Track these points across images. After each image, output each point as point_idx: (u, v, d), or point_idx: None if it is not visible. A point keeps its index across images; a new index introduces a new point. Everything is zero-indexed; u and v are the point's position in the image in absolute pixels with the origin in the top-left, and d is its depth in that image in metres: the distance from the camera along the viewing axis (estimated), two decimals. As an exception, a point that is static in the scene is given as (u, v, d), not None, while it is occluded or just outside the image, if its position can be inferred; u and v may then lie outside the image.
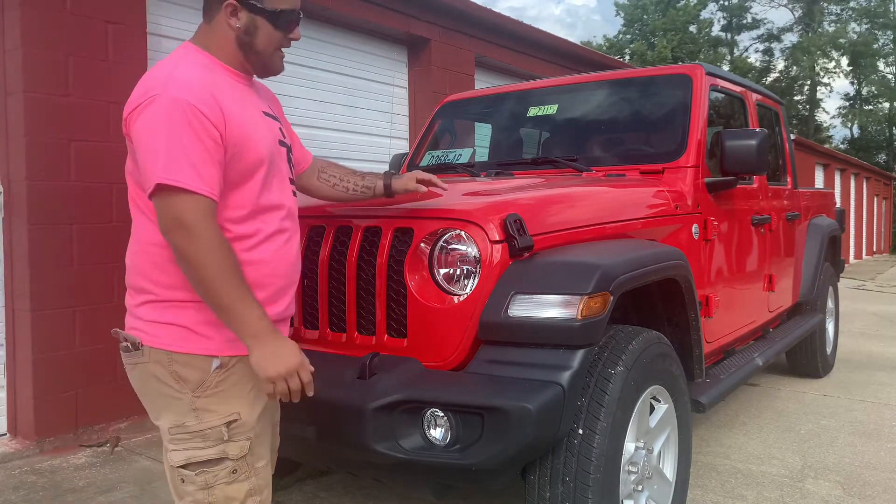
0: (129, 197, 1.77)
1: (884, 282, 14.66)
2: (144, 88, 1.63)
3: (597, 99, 3.88)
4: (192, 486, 1.71)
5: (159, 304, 1.71)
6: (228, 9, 1.75)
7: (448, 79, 6.88)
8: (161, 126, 1.58)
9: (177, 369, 1.70)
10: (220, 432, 1.71)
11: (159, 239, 1.66)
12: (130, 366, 1.76)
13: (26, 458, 3.91)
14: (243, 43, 1.79)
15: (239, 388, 1.75)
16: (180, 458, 1.71)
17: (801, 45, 39.87)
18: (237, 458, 1.73)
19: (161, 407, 1.74)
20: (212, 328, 1.70)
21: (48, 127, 3.98)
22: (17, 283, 4.04)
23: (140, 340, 1.71)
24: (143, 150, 1.60)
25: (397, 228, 2.35)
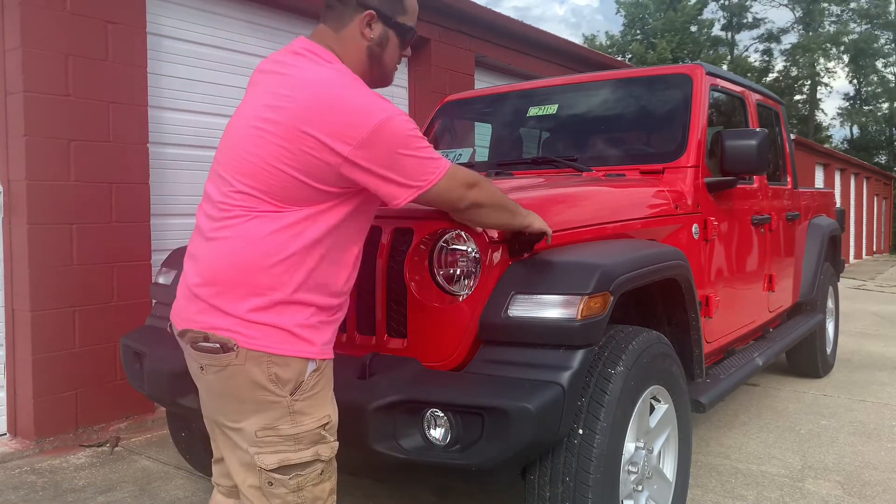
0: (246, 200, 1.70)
1: (884, 282, 14.66)
2: (364, 114, 1.65)
3: (597, 99, 3.88)
4: (282, 489, 1.71)
5: (261, 305, 1.68)
6: (366, 19, 1.79)
7: (448, 79, 6.88)
8: (405, 138, 1.69)
9: (276, 371, 1.68)
10: (316, 435, 1.73)
11: (287, 242, 1.68)
12: (216, 367, 1.70)
13: (26, 457, 3.91)
14: (374, 54, 1.84)
15: (327, 390, 1.79)
16: (273, 460, 1.69)
17: (802, 44, 39.87)
18: (328, 459, 1.76)
19: (251, 410, 1.70)
20: (310, 331, 1.72)
21: (48, 127, 3.98)
22: (17, 283, 4.04)
23: (236, 342, 1.66)
24: (399, 164, 1.69)
25: (397, 228, 2.34)
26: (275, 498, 1.71)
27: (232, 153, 1.74)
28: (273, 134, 1.67)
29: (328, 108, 1.65)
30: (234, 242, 1.70)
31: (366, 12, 1.78)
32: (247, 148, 1.70)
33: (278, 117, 1.67)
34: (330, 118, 1.64)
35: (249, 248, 1.68)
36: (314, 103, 1.65)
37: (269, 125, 1.68)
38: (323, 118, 1.64)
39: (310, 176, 1.66)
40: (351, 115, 1.65)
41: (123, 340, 2.85)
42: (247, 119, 1.74)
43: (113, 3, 4.26)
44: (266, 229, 1.68)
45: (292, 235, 1.69)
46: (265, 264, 1.67)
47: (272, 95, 1.72)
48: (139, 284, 4.39)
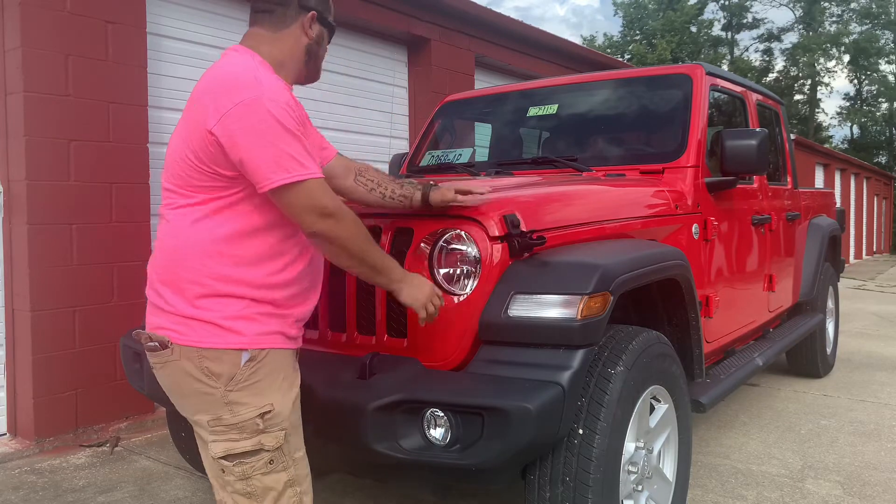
0: (169, 196, 1.79)
1: (884, 282, 14.65)
2: (236, 89, 1.68)
3: (597, 99, 3.87)
4: (231, 477, 1.78)
5: (188, 302, 1.74)
6: (309, 20, 1.92)
7: (448, 79, 6.88)
8: (270, 124, 1.66)
9: (207, 365, 1.74)
10: (255, 424, 1.76)
11: (203, 234, 1.73)
12: (160, 365, 1.80)
13: (26, 458, 3.91)
14: (311, 51, 1.96)
15: (270, 379, 1.80)
16: (220, 449, 1.77)
17: (802, 44, 39.87)
18: (273, 448, 1.78)
19: (196, 403, 1.78)
20: (241, 322, 1.75)
21: (48, 127, 3.98)
22: (17, 283, 4.04)
23: (169, 339, 1.75)
24: (255, 148, 1.65)
25: (397, 228, 2.35)
26: (227, 486, 1.79)
27: (165, 158, 1.85)
28: (181, 126, 1.78)
29: (215, 84, 1.73)
30: (163, 243, 1.81)
31: (309, 13, 1.92)
32: (170, 146, 1.82)
33: (186, 110, 1.79)
34: (213, 93, 1.71)
35: (172, 244, 1.77)
36: (207, 84, 1.75)
37: (181, 121, 1.80)
38: (208, 94, 1.72)
39: (198, 157, 1.71)
40: (229, 87, 1.70)
41: (123, 340, 2.85)
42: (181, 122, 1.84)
43: (113, 3, 4.26)
44: (184, 223, 1.75)
45: (209, 228, 1.73)
46: (186, 258, 1.74)
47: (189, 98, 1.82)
48: (139, 284, 4.36)
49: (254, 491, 1.78)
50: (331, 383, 2.18)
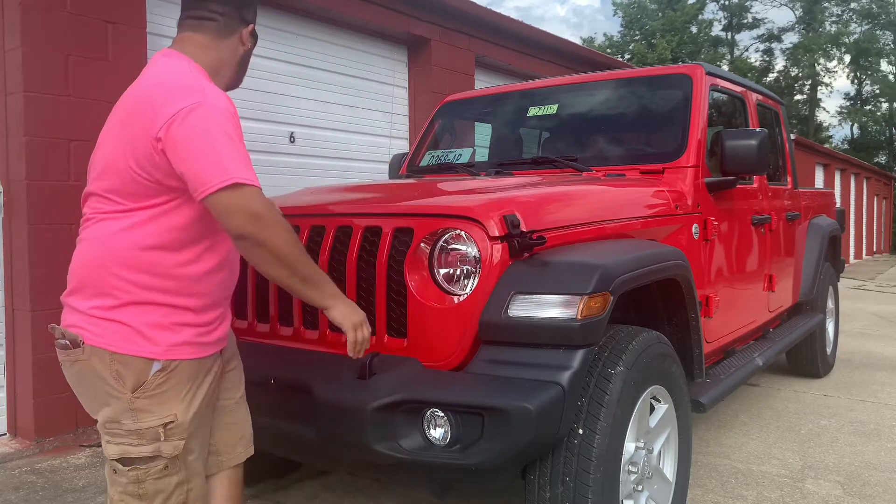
0: (97, 201, 1.81)
1: (884, 282, 14.66)
2: (179, 96, 1.70)
3: (597, 99, 3.88)
4: (123, 479, 1.79)
5: (108, 304, 1.76)
6: (248, 31, 1.99)
7: (448, 79, 6.88)
8: (215, 131, 1.68)
9: (118, 369, 1.75)
10: (156, 433, 1.78)
11: (132, 242, 1.75)
12: (69, 362, 1.81)
13: (26, 458, 3.91)
14: (245, 59, 2.03)
15: (177, 390, 1.81)
16: (115, 451, 1.79)
17: (803, 44, 39.87)
18: (170, 456, 1.80)
19: (100, 403, 1.80)
20: (158, 331, 1.77)
21: (48, 127, 3.98)
22: (17, 283, 4.04)
23: (81, 338, 1.76)
24: (198, 153, 1.66)
25: (397, 228, 2.35)
26: (117, 485, 1.81)
27: (93, 163, 1.86)
28: (116, 133, 1.79)
29: (157, 91, 1.74)
30: (88, 247, 1.81)
31: (249, 26, 1.99)
32: (102, 152, 1.82)
33: (120, 115, 1.82)
34: (155, 99, 1.72)
35: (98, 249, 1.78)
36: (146, 91, 1.78)
37: (113, 128, 1.82)
38: (149, 101, 1.73)
39: (141, 167, 1.72)
40: (172, 94, 1.71)
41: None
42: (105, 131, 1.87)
43: (113, 3, 4.26)
44: (110, 230, 1.77)
45: (136, 236, 1.75)
46: (111, 264, 1.75)
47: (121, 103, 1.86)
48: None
49: (145, 493, 1.80)
50: (331, 383, 2.18)
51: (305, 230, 2.54)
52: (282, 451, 2.61)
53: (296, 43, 5.78)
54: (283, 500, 3.26)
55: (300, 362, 2.38)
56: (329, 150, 6.09)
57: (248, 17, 1.99)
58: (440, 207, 2.39)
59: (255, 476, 3.37)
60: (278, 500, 3.26)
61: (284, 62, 5.69)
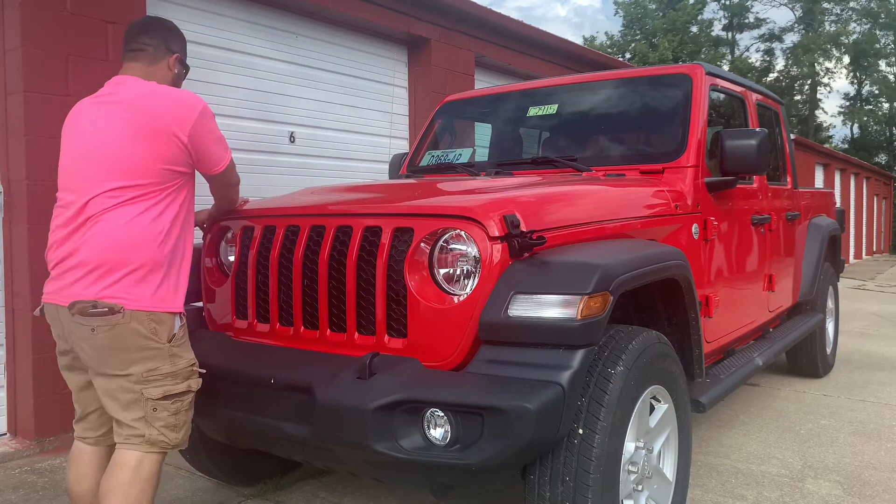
0: (112, 192, 2.19)
1: (884, 282, 14.66)
2: (187, 102, 2.28)
3: (597, 99, 3.88)
4: (165, 413, 2.24)
5: (139, 276, 2.19)
6: (175, 59, 2.48)
7: (448, 79, 6.88)
8: (215, 123, 2.35)
9: (154, 326, 2.21)
10: (189, 371, 2.30)
11: (151, 220, 2.21)
12: (106, 327, 2.16)
13: (26, 457, 3.91)
14: (175, 83, 2.49)
15: (188, 339, 2.36)
16: (158, 392, 2.22)
17: (802, 43, 39.86)
18: (195, 390, 2.33)
19: (135, 358, 2.19)
20: (173, 292, 2.28)
21: (48, 127, 3.98)
22: (17, 283, 4.04)
23: (121, 305, 2.15)
24: (214, 142, 2.34)
25: (397, 228, 2.35)
26: (157, 421, 2.23)
27: (100, 162, 2.23)
28: (119, 132, 2.22)
29: (161, 98, 2.27)
30: (109, 227, 2.18)
31: (174, 55, 2.47)
32: (117, 154, 2.21)
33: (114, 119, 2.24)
34: (164, 104, 2.25)
35: (124, 230, 2.18)
36: (146, 98, 2.27)
37: (113, 127, 2.23)
38: (156, 105, 2.25)
39: (163, 158, 2.22)
40: (181, 100, 2.28)
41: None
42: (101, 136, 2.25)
43: (113, 3, 4.26)
44: (132, 213, 2.19)
45: (155, 215, 2.22)
46: (137, 240, 2.18)
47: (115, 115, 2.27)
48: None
49: (177, 423, 2.28)
50: (331, 383, 2.18)
51: (305, 230, 2.54)
52: (282, 451, 2.61)
53: (296, 43, 5.78)
54: (283, 499, 3.26)
55: (300, 362, 2.38)
56: (329, 150, 6.09)
57: (174, 48, 2.47)
58: (440, 207, 2.39)
59: (255, 476, 3.38)
60: (278, 499, 3.26)
61: (284, 62, 5.69)
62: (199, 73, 4.96)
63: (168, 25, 2.52)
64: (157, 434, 2.24)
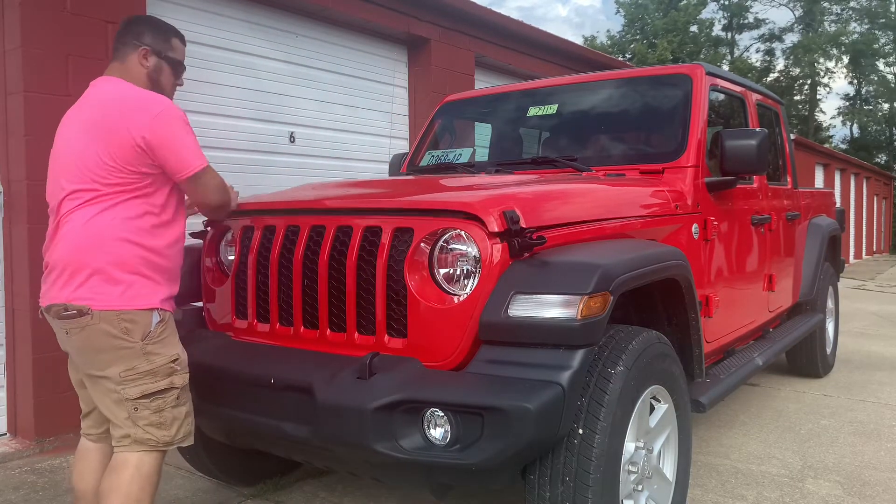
0: (77, 195, 2.20)
1: (884, 282, 14.66)
2: (145, 104, 2.22)
3: (597, 99, 3.87)
4: (147, 412, 2.22)
5: (107, 276, 2.17)
6: (143, 52, 2.39)
7: (448, 79, 6.87)
8: (181, 128, 2.23)
9: (126, 325, 2.18)
10: (169, 368, 2.25)
11: (117, 221, 2.18)
12: (77, 329, 2.17)
13: (26, 458, 3.91)
14: (151, 78, 2.41)
15: (172, 336, 2.32)
16: (136, 391, 2.20)
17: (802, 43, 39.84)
18: (181, 386, 2.29)
19: (110, 359, 2.19)
20: (149, 289, 2.23)
21: (48, 127, 3.96)
22: (17, 283, 4.04)
23: (88, 307, 2.15)
24: (176, 145, 2.22)
25: (397, 228, 2.34)
26: (141, 420, 2.21)
27: (63, 165, 2.27)
28: (82, 135, 2.23)
29: (124, 102, 2.23)
30: (75, 230, 2.18)
31: (143, 48, 2.39)
32: (74, 156, 2.23)
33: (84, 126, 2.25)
34: (125, 108, 2.20)
35: (87, 231, 2.17)
36: (112, 102, 2.25)
37: (77, 131, 2.25)
38: (118, 109, 2.20)
39: (124, 160, 2.18)
40: (142, 103, 2.22)
41: None
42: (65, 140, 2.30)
43: (113, 3, 4.26)
44: (93, 213, 2.18)
45: (120, 215, 2.19)
46: (103, 240, 2.16)
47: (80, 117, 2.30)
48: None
49: (164, 421, 2.24)
50: (331, 383, 2.18)
51: (306, 230, 2.54)
52: (282, 451, 2.61)
53: (296, 43, 5.78)
54: (284, 499, 3.26)
55: (300, 362, 2.38)
56: (329, 150, 6.09)
57: (145, 40, 2.40)
58: (439, 203, 2.39)
59: (255, 476, 3.38)
60: (278, 499, 3.26)
61: (284, 62, 5.69)
62: (199, 74, 4.97)
63: (145, 20, 2.48)
64: (143, 433, 2.22)
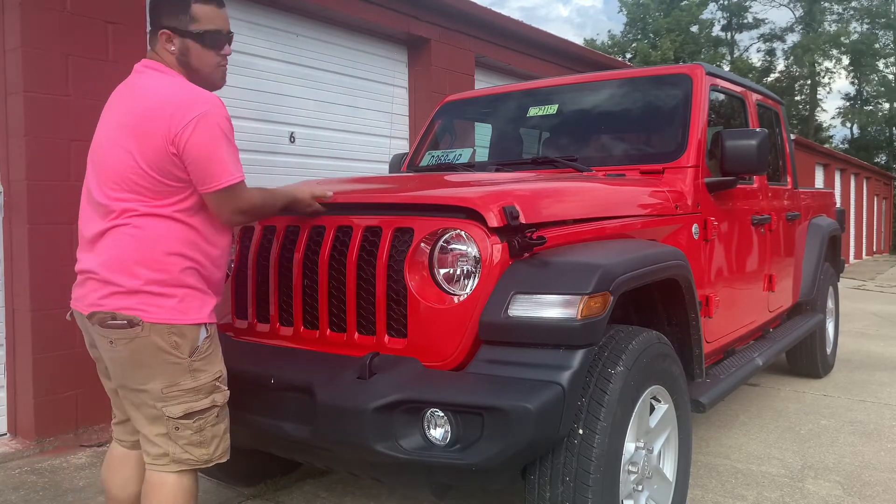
0: (129, 206, 2.04)
1: (884, 282, 14.66)
2: (178, 110, 1.99)
3: (597, 99, 3.88)
4: (188, 431, 2.11)
5: (161, 286, 2.05)
6: (163, 36, 2.15)
7: (448, 79, 6.87)
8: (212, 139, 2.01)
9: (176, 339, 2.06)
10: (212, 386, 2.14)
11: (171, 232, 2.05)
12: (124, 340, 2.05)
13: (26, 458, 3.91)
14: (182, 63, 2.16)
15: (217, 350, 2.20)
16: (179, 410, 2.09)
17: (802, 43, 39.84)
18: (221, 404, 2.18)
19: (154, 373, 2.07)
20: (199, 302, 2.11)
21: (48, 127, 3.98)
22: (17, 283, 4.04)
23: (139, 317, 2.03)
24: (202, 158, 2.01)
25: (397, 228, 2.34)
26: (180, 440, 2.11)
27: (103, 163, 2.10)
28: (124, 140, 2.04)
29: (165, 103, 2.02)
30: (125, 236, 2.05)
31: (160, 32, 2.15)
32: (112, 160, 2.07)
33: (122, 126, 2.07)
34: (164, 110, 2.00)
35: (141, 239, 2.04)
36: (152, 103, 2.04)
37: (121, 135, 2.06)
38: (159, 112, 2.00)
39: (160, 169, 2.01)
40: (181, 105, 2.00)
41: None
42: (107, 133, 2.12)
43: (113, 3, 4.26)
44: (143, 223, 2.05)
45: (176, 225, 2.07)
46: (155, 250, 2.04)
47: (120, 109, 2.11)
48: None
49: (204, 440, 2.14)
50: (331, 383, 2.18)
51: (306, 230, 2.54)
52: (282, 451, 2.61)
53: (296, 43, 5.78)
54: (284, 499, 3.26)
55: (300, 362, 2.38)
56: (329, 150, 6.09)
57: (163, 22, 2.15)
58: (438, 198, 2.39)
59: (255, 476, 3.37)
60: (278, 499, 3.26)
61: (284, 62, 5.69)
62: (199, 73, 4.96)
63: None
64: (182, 452, 2.12)
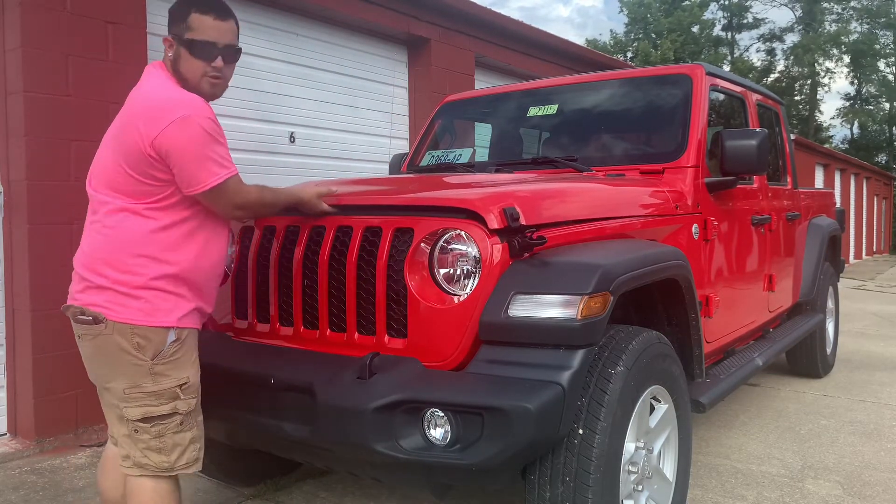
0: (109, 202, 2.08)
1: (884, 282, 14.66)
2: (161, 110, 2.00)
3: (597, 99, 3.88)
4: (146, 436, 2.09)
5: (128, 286, 2.05)
6: (166, 42, 2.20)
7: (448, 79, 6.87)
8: (196, 139, 2.00)
9: (138, 341, 2.05)
10: (174, 392, 2.11)
11: (145, 229, 2.06)
12: (89, 336, 2.08)
13: (26, 458, 3.91)
14: (175, 70, 2.18)
15: (188, 356, 2.16)
16: (137, 413, 2.08)
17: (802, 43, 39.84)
18: (185, 412, 2.14)
19: (117, 373, 2.08)
20: (169, 305, 2.09)
21: (48, 127, 3.98)
22: (17, 283, 4.04)
23: (104, 315, 2.04)
24: (186, 159, 2.00)
25: (397, 228, 2.34)
26: (139, 443, 2.10)
27: (99, 158, 2.15)
28: (112, 142, 2.10)
29: (145, 107, 2.05)
30: (99, 237, 2.10)
31: (165, 37, 2.20)
32: (104, 156, 2.12)
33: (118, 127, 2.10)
34: (145, 114, 2.02)
35: (113, 238, 2.07)
36: (138, 105, 2.08)
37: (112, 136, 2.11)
38: (140, 116, 2.03)
39: (138, 170, 2.03)
40: (161, 108, 2.02)
41: None
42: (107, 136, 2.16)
43: (113, 3, 4.26)
44: (118, 221, 2.07)
45: (142, 224, 2.07)
46: (127, 249, 2.05)
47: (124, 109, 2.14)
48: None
49: (164, 446, 2.10)
50: (331, 383, 2.18)
51: (306, 230, 2.54)
52: (282, 451, 2.61)
53: (296, 43, 5.78)
54: (283, 500, 3.26)
55: (300, 362, 2.38)
56: (329, 150, 6.09)
57: (169, 28, 2.19)
58: (439, 200, 2.39)
59: (255, 476, 3.37)
60: (278, 500, 3.26)
61: (284, 62, 5.69)
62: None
63: (175, 3, 2.24)
64: (141, 456, 2.10)
